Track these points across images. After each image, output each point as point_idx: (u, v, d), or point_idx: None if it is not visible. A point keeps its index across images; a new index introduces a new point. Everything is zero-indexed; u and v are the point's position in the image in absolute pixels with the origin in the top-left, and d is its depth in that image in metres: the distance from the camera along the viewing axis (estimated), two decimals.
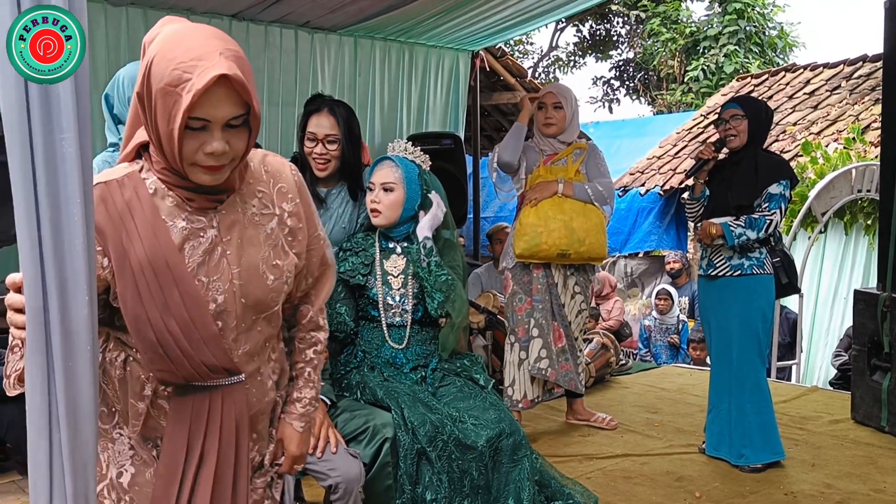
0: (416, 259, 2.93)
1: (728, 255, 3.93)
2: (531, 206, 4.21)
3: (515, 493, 2.68)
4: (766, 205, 3.84)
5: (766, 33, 16.78)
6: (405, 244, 3.00)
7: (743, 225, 3.82)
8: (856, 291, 4.99)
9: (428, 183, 2.99)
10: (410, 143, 3.05)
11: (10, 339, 1.49)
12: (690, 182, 4.10)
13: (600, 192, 4.23)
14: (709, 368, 4.32)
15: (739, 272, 3.90)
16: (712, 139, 4.17)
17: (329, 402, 2.65)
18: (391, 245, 2.99)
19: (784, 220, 3.97)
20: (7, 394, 1.54)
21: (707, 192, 4.03)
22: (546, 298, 4.28)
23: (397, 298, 2.94)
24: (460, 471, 2.64)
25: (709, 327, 4.13)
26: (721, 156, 4.05)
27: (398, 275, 2.96)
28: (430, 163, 3.06)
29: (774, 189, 3.85)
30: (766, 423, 3.94)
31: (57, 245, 1.14)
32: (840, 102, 9.39)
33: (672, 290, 8.68)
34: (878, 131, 8.15)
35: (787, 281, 3.96)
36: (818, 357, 7.56)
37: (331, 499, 2.43)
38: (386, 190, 2.91)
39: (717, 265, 3.96)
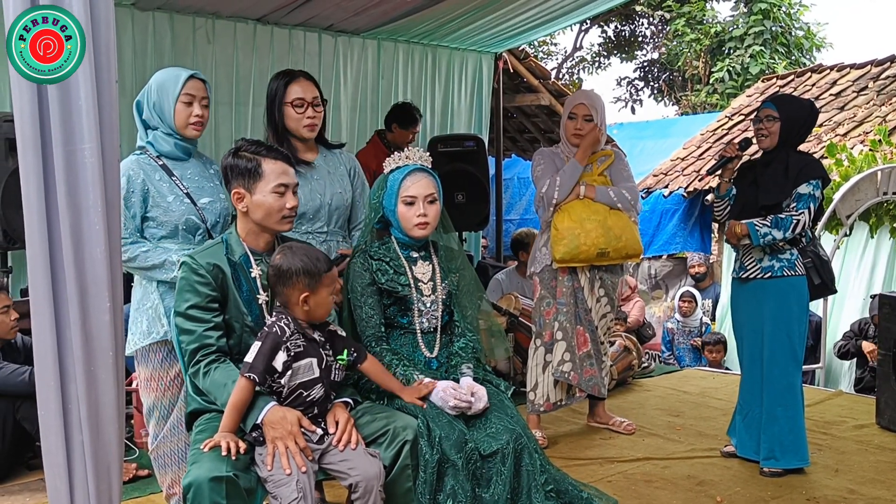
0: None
1: (758, 257, 3.87)
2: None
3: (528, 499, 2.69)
4: (795, 205, 3.77)
5: (793, 33, 16.60)
6: (423, 252, 3.07)
7: (769, 225, 3.77)
8: (881, 295, 4.93)
9: None
10: (420, 148, 3.11)
11: None
12: (713, 182, 4.06)
13: (625, 197, 4.24)
14: (730, 372, 4.29)
15: (770, 274, 3.85)
16: (738, 139, 4.12)
17: (352, 404, 2.67)
18: (412, 254, 3.04)
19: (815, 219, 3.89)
20: None
21: (733, 191, 3.98)
22: (571, 302, 4.28)
23: (428, 304, 2.99)
24: (483, 479, 2.66)
25: (741, 330, 4.07)
26: (746, 155, 3.99)
27: (427, 281, 3.01)
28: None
29: (804, 189, 3.77)
30: (797, 429, 3.89)
31: (77, 253, 1.10)
32: (867, 103, 9.28)
33: (696, 292, 8.61)
34: None
35: (820, 281, 3.91)
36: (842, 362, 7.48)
37: (351, 498, 2.46)
38: (431, 202, 2.96)
39: (748, 267, 3.91)
